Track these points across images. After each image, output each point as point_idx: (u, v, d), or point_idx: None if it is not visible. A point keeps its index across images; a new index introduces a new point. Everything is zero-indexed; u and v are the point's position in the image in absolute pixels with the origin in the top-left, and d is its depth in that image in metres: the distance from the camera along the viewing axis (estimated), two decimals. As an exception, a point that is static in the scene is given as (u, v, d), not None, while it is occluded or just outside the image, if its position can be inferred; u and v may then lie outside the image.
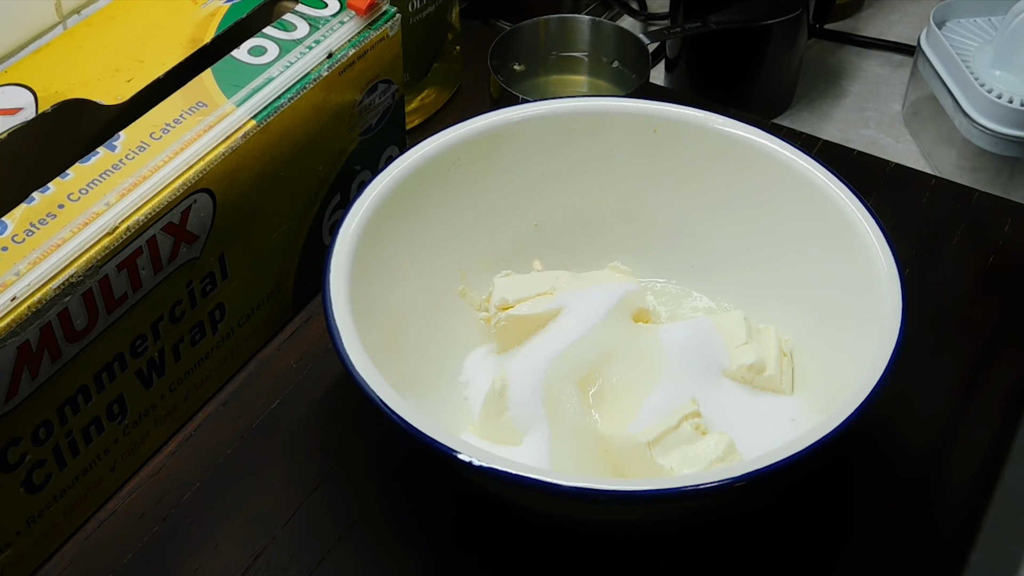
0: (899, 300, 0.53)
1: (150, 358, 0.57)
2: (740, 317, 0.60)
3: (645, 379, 0.57)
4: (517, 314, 0.60)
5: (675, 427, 0.54)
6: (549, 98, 0.71)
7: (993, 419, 0.62)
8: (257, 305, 0.64)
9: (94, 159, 0.54)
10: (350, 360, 0.50)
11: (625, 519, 0.55)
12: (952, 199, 0.75)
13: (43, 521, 0.55)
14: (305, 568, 0.56)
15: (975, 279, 0.70)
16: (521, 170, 0.64)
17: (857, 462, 0.59)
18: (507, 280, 0.63)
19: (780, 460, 0.46)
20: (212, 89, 0.59)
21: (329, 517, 0.58)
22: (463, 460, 0.47)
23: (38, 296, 0.49)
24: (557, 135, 0.64)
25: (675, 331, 0.60)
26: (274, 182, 0.61)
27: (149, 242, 0.54)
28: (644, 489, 0.46)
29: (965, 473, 0.60)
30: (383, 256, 0.58)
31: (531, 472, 0.46)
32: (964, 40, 0.84)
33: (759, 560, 0.56)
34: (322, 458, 0.60)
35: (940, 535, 0.57)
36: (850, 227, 0.57)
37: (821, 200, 0.59)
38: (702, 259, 0.65)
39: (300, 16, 0.64)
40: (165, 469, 0.60)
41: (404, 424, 0.48)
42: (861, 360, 0.51)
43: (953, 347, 0.66)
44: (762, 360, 0.58)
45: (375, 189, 0.59)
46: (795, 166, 0.60)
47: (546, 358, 0.57)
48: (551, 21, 0.80)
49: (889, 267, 0.55)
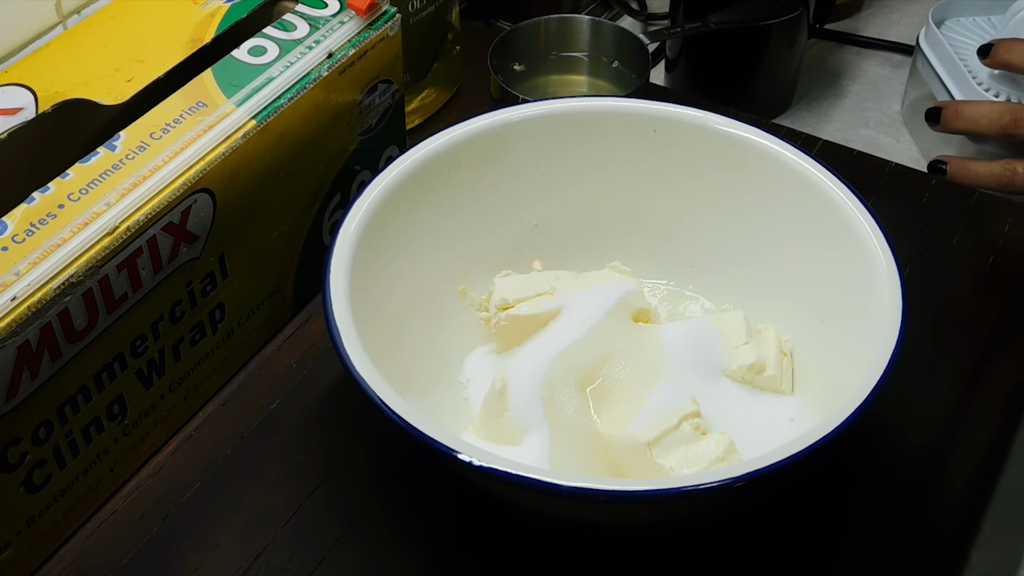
0: (899, 300, 0.53)
1: (150, 358, 0.57)
2: (740, 317, 0.60)
3: (645, 379, 0.57)
4: (517, 314, 0.60)
5: (675, 427, 0.54)
6: (549, 98, 0.71)
7: (993, 419, 0.62)
8: (257, 305, 0.64)
9: (94, 159, 0.54)
10: (350, 360, 0.50)
11: (625, 519, 0.55)
12: (952, 199, 0.75)
13: (43, 521, 0.55)
14: (305, 568, 0.56)
15: (975, 279, 0.70)
16: (521, 170, 0.64)
17: (857, 462, 0.59)
18: (507, 280, 0.63)
19: (779, 460, 0.46)
20: (212, 89, 0.59)
21: (329, 517, 0.58)
22: (463, 460, 0.47)
23: (38, 296, 0.49)
24: (557, 135, 0.64)
25: (675, 331, 0.60)
26: (274, 182, 0.61)
27: (149, 242, 0.54)
28: (644, 489, 0.46)
29: (965, 473, 0.60)
30: (383, 256, 0.58)
31: (531, 472, 0.46)
32: (963, 39, 0.85)
33: (758, 559, 0.56)
34: (322, 458, 0.60)
35: (940, 535, 0.57)
36: (850, 227, 0.57)
37: (821, 200, 0.59)
38: (702, 259, 0.65)
39: (300, 16, 0.64)
40: (165, 469, 0.60)
41: (404, 424, 0.48)
42: (861, 360, 0.51)
43: (953, 347, 0.66)
44: (762, 360, 0.58)
45: (375, 189, 0.58)
46: (795, 166, 0.60)
47: (546, 359, 0.57)
48: (551, 21, 0.80)
49: (889, 267, 0.55)
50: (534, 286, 0.61)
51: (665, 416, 0.55)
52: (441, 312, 0.62)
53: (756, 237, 0.63)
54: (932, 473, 0.60)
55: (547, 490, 0.46)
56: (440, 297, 0.62)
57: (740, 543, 0.57)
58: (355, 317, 0.53)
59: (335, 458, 0.60)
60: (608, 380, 0.57)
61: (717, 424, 0.56)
